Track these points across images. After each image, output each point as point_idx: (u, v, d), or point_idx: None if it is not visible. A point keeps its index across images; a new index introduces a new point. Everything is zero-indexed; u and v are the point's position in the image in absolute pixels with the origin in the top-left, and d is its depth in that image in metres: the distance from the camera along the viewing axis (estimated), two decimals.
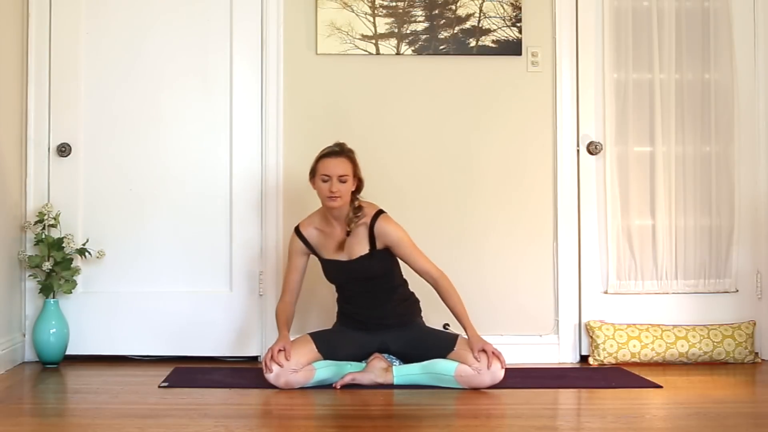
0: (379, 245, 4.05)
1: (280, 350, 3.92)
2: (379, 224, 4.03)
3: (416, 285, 4.20)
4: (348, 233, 4.05)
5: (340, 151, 4.06)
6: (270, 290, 4.62)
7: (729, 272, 4.77)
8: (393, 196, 4.47)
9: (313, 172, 4.06)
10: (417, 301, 4.20)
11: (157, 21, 4.67)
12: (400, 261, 4.14)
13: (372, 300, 4.09)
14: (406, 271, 4.17)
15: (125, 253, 4.63)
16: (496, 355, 3.92)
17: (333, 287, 4.22)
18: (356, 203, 4.07)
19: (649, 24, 4.75)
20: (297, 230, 4.16)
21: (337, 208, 4.02)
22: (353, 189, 4.06)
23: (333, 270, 4.11)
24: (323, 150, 4.09)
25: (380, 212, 4.07)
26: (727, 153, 4.77)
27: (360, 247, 4.05)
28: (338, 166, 4.00)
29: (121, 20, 4.67)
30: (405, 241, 4.06)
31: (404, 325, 4.12)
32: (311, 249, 4.13)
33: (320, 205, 4.12)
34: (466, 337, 4.02)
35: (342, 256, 4.06)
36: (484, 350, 3.92)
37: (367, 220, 4.05)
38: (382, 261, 4.07)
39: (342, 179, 3.99)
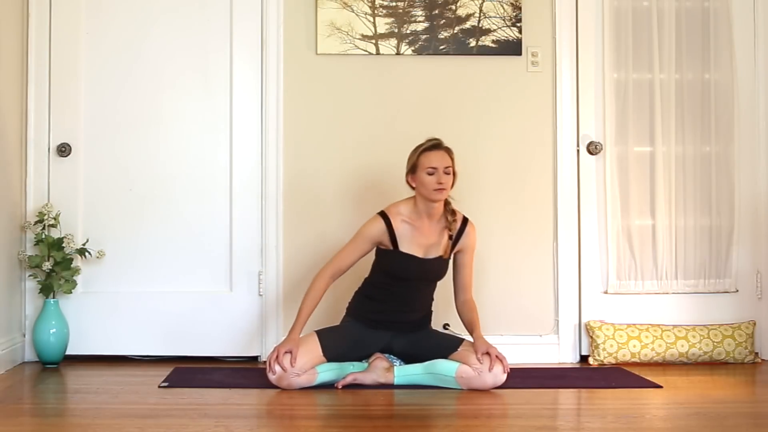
0: (456, 249, 4.10)
1: (286, 353, 3.89)
2: (469, 230, 4.12)
3: None
4: (450, 235, 4.06)
5: (440, 143, 4.09)
6: (270, 290, 4.62)
7: (729, 272, 4.77)
8: (393, 196, 4.46)
9: (414, 168, 4.05)
10: (431, 312, 4.23)
11: (157, 21, 4.67)
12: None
13: (412, 302, 4.09)
14: None
15: (125, 253, 4.63)
16: (500, 359, 3.92)
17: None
18: (450, 206, 4.10)
19: (649, 24, 4.75)
20: (385, 217, 4.05)
21: (440, 201, 4.03)
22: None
23: (404, 264, 4.03)
24: (422, 145, 4.08)
25: (467, 219, 4.14)
26: (727, 153, 4.77)
27: (441, 248, 4.06)
28: (443, 159, 4.03)
29: (122, 20, 4.67)
30: (473, 251, 4.16)
31: (414, 330, 4.13)
32: (392, 239, 4.03)
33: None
34: (470, 340, 4.03)
35: (419, 252, 4.04)
36: (487, 353, 3.92)
37: (458, 224, 4.10)
38: (448, 266, 4.12)
39: (446, 171, 4.02)
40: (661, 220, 4.74)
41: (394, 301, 4.07)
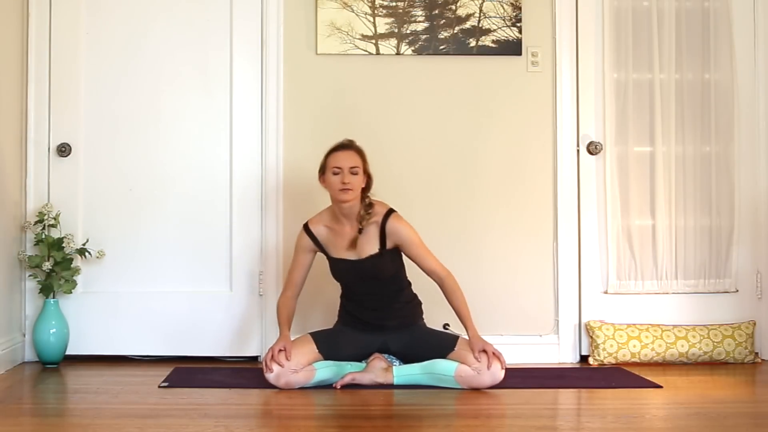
0: (389, 244, 4.05)
1: (280, 350, 3.92)
2: (391, 223, 4.04)
3: (418, 286, 4.21)
4: (360, 231, 4.04)
5: (349, 144, 4.11)
6: (270, 290, 4.62)
7: (729, 272, 4.77)
8: (393, 196, 4.45)
9: (323, 168, 4.08)
10: (419, 304, 4.20)
11: (157, 21, 4.67)
12: (405, 261, 4.14)
13: (377, 301, 4.09)
14: (410, 273, 4.17)
15: (125, 253, 4.63)
16: (497, 356, 3.92)
17: (338, 286, 4.22)
18: (367, 201, 4.08)
19: (649, 24, 4.75)
20: (306, 227, 4.15)
21: (348, 202, 4.02)
22: (363, 185, 4.07)
23: (341, 269, 4.10)
24: (332, 146, 4.12)
25: (391, 211, 4.08)
26: (727, 153, 4.77)
27: (370, 246, 4.04)
28: (349, 159, 4.03)
29: (122, 20, 4.67)
30: (415, 240, 4.07)
31: (406, 326, 4.12)
32: (319, 247, 4.13)
33: (328, 204, 4.13)
34: (466, 337, 4.02)
35: (351, 255, 4.06)
36: (484, 351, 3.92)
37: (379, 218, 4.05)
38: (392, 261, 4.08)
39: (353, 171, 4.01)
40: (661, 220, 4.74)
41: (359, 304, 4.11)
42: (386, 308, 4.09)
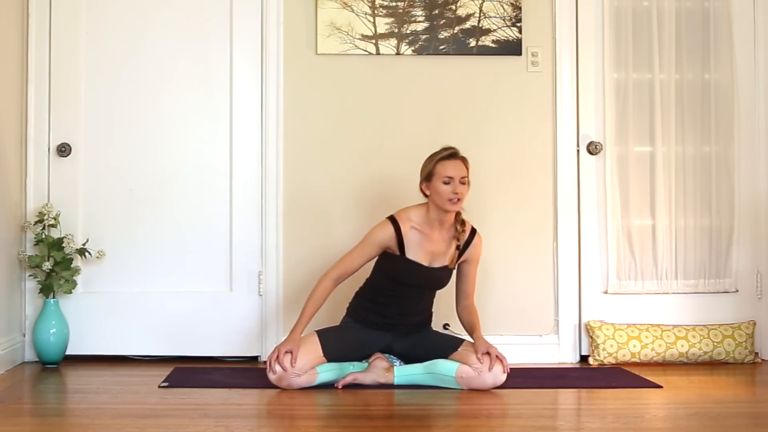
0: (462, 259, 4.09)
1: (287, 352, 3.88)
2: (477, 241, 4.11)
3: None
4: (458, 246, 4.04)
5: (457, 153, 4.05)
6: (270, 290, 4.62)
7: (729, 272, 4.77)
8: (393, 197, 4.46)
9: (429, 176, 4.00)
10: (432, 314, 4.23)
11: (157, 21, 4.67)
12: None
13: (413, 307, 4.08)
14: None
15: (125, 253, 4.63)
16: (500, 359, 3.92)
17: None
18: (461, 216, 4.08)
19: (649, 24, 4.75)
20: (395, 222, 4.01)
21: (454, 212, 4.01)
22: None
23: (409, 271, 4.01)
24: (438, 153, 4.04)
25: (476, 230, 4.12)
26: (727, 153, 4.77)
27: (446, 258, 4.05)
28: (460, 168, 4.00)
29: (122, 21, 4.66)
30: (478, 262, 4.17)
31: (417, 332, 4.13)
32: (399, 246, 4.00)
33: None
34: (471, 341, 4.04)
35: (424, 260, 4.02)
36: (488, 353, 3.92)
37: (467, 235, 4.08)
38: (451, 276, 4.12)
39: (462, 181, 3.98)
40: (661, 220, 4.74)
41: (394, 306, 4.06)
42: (413, 315, 4.10)
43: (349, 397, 3.79)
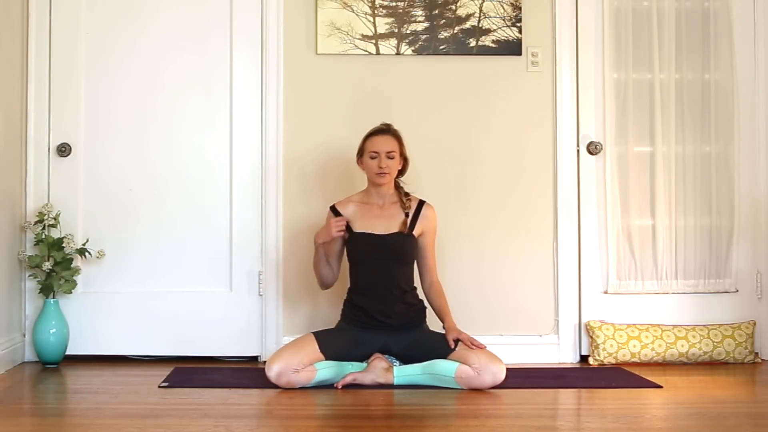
0: (417, 230, 4.17)
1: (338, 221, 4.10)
2: (427, 211, 4.22)
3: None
4: (407, 213, 4.16)
5: (386, 129, 4.23)
6: (270, 290, 4.62)
7: (729, 272, 4.77)
8: None
9: (360, 152, 4.22)
10: (424, 309, 4.22)
11: (158, 21, 4.67)
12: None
13: (385, 290, 4.10)
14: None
15: (125, 253, 4.63)
16: (476, 345, 3.97)
17: (343, 283, 4.21)
18: (404, 190, 4.23)
19: (649, 24, 4.75)
20: (333, 207, 4.24)
21: (384, 185, 4.16)
22: (399, 168, 4.20)
23: (363, 243, 4.14)
24: (370, 130, 4.23)
25: (425, 201, 4.24)
26: (727, 153, 4.77)
27: (398, 224, 4.16)
28: (386, 143, 4.16)
29: (121, 20, 4.67)
30: (435, 233, 4.24)
31: (409, 328, 4.13)
32: (348, 228, 4.16)
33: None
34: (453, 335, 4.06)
35: (378, 229, 4.14)
36: (459, 339, 4.00)
37: (415, 203, 4.21)
38: (411, 245, 4.17)
39: (390, 155, 4.15)
40: (661, 220, 4.74)
41: (370, 296, 4.10)
42: (391, 304, 4.10)
43: (348, 398, 3.79)
